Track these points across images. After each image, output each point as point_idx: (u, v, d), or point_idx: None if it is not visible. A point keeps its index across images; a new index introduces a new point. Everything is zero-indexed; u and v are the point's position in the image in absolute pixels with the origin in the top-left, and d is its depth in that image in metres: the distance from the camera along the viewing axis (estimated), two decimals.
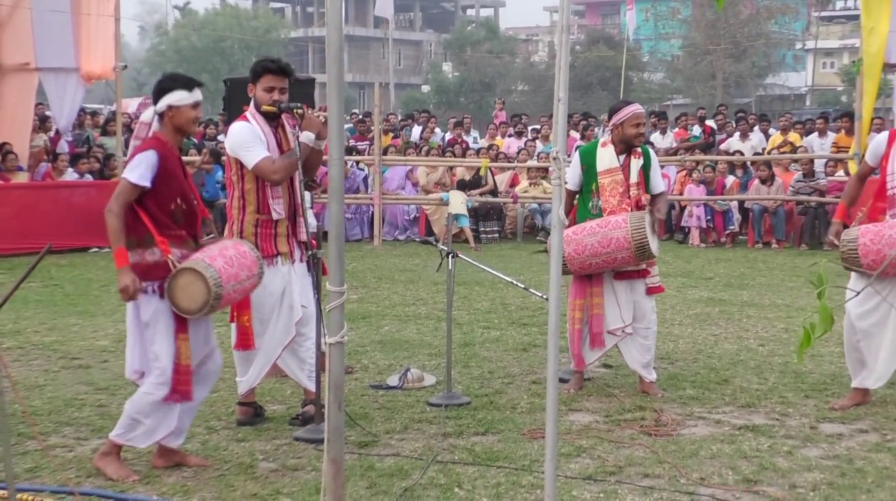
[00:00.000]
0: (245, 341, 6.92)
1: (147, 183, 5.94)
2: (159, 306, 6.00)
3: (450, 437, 6.82)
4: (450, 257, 7.90)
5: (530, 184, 19.21)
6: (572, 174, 8.04)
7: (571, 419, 7.29)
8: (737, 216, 18.72)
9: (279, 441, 6.75)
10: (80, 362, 8.95)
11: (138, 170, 5.95)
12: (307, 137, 6.86)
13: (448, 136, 22.41)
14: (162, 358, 6.00)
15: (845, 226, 7.92)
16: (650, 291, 7.98)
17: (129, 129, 17.23)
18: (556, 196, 3.92)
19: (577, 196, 8.10)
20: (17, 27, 17.07)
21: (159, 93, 6.15)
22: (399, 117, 26.37)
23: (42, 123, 18.78)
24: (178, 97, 6.11)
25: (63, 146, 18.57)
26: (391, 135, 21.49)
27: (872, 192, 7.91)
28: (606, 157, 7.93)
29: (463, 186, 18.48)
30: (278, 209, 6.90)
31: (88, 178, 17.53)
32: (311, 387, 7.01)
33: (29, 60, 17.19)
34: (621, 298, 7.87)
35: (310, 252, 6.97)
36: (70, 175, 17.37)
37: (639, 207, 7.82)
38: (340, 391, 4.42)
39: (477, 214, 18.28)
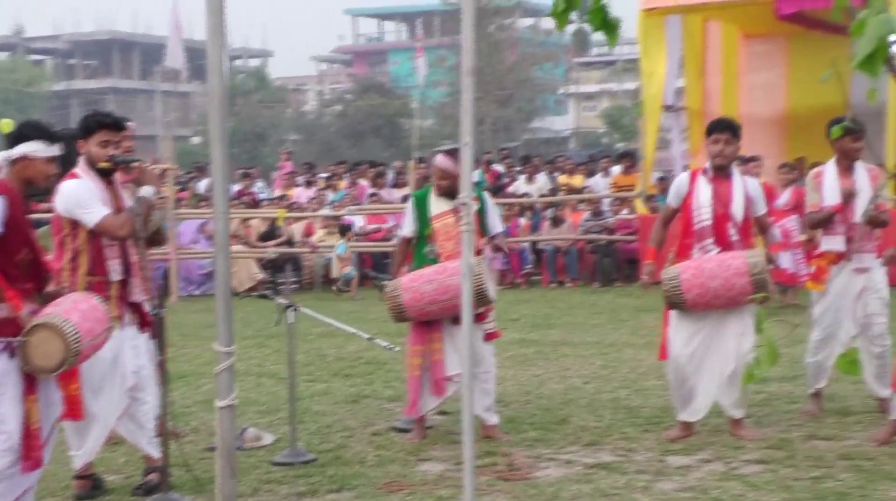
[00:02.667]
0: (74, 411, 6.47)
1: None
2: (7, 365, 5.56)
3: (305, 497, 6.61)
4: (289, 310, 7.71)
5: (326, 233, 19.09)
6: (408, 221, 7.99)
7: (423, 469, 7.15)
8: (531, 257, 19.03)
9: None
10: None
11: None
12: (147, 191, 6.59)
13: (235, 187, 22.09)
14: (9, 422, 5.57)
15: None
16: (488, 336, 7.95)
17: None
18: (465, 241, 3.81)
19: (413, 243, 8.03)
20: None
21: (17, 139, 5.82)
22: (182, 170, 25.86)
23: None
24: (34, 148, 5.78)
25: None
26: (178, 188, 21.05)
27: (676, 233, 8.08)
28: (438, 201, 7.88)
29: (264, 237, 18.24)
30: (117, 269, 6.59)
31: None
32: (154, 453, 6.69)
33: None
34: (458, 342, 7.79)
35: (152, 312, 6.66)
36: None
37: (476, 251, 7.79)
38: (233, 456, 4.21)
39: (274, 265, 18.04)
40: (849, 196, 8.09)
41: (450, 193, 7.78)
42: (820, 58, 18.73)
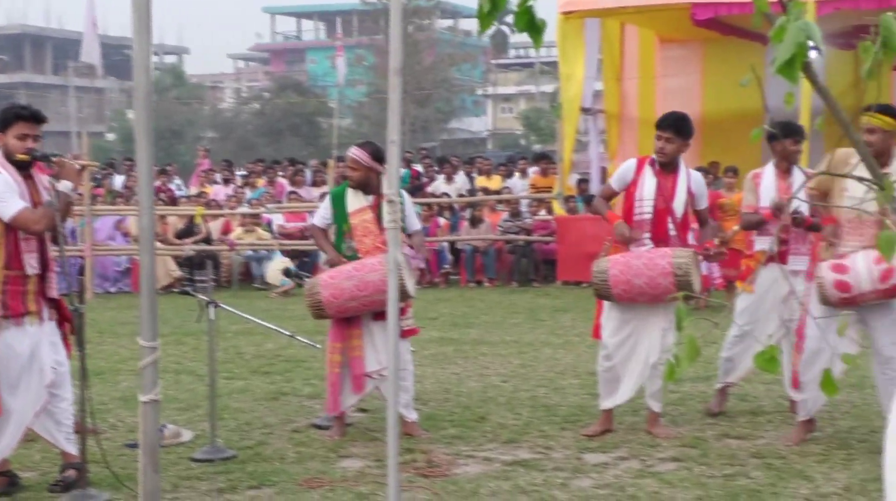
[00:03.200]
0: None
1: None
2: None
3: (225, 493, 6.56)
4: (210, 306, 7.67)
5: (244, 231, 18.97)
6: (322, 212, 8.07)
7: (343, 465, 7.15)
8: (449, 257, 19.08)
9: None
10: None
11: None
12: (66, 186, 6.52)
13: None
14: None
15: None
16: (405, 333, 7.95)
17: None
18: (391, 239, 3.83)
19: (326, 231, 8.05)
20: None
21: None
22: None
23: None
24: None
25: None
26: (93, 184, 20.80)
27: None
28: (355, 198, 7.89)
29: (181, 234, 18.11)
30: (33, 264, 6.50)
31: None
32: (71, 450, 6.61)
33: None
34: (378, 340, 7.79)
35: (71, 308, 6.60)
36: None
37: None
38: (155, 451, 4.19)
39: (192, 262, 17.90)
40: (778, 210, 8.19)
41: (361, 186, 7.82)
42: (735, 63, 19.05)
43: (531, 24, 3.68)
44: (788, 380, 8.34)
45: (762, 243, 8.32)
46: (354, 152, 7.89)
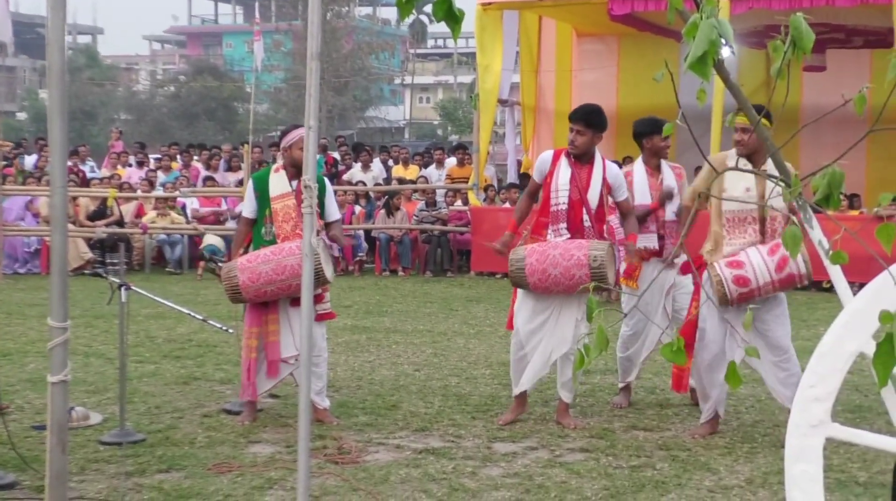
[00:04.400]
0: None
1: None
2: None
3: (133, 476, 6.49)
4: (122, 289, 7.59)
5: (157, 214, 18.79)
6: (248, 202, 7.97)
7: (253, 450, 7.13)
8: (364, 245, 19.06)
9: None
10: None
11: None
12: None
13: None
14: None
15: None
16: (322, 316, 7.94)
17: None
18: (307, 224, 3.83)
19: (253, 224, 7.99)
20: None
21: None
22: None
23: None
24: None
25: None
26: (3, 164, 20.45)
27: (535, 211, 8.15)
28: (279, 183, 7.86)
29: (93, 216, 17.90)
30: None
31: None
32: None
33: None
34: (295, 325, 7.77)
35: None
36: None
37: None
38: (64, 433, 4.15)
39: (103, 245, 17.69)
40: (667, 197, 8.36)
41: (298, 168, 7.78)
42: (649, 59, 19.26)
43: (450, 14, 3.68)
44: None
45: (644, 241, 8.40)
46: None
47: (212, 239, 13.25)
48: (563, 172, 7.83)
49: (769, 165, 6.85)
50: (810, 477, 3.55)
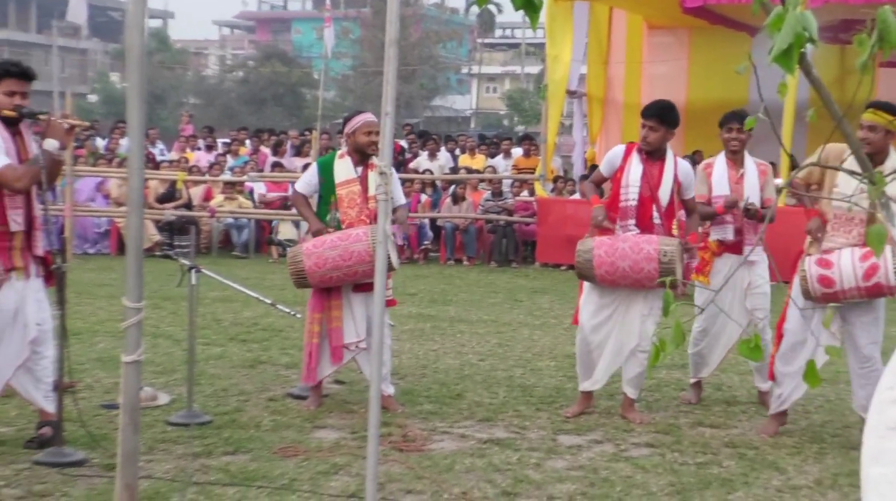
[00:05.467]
0: None
1: None
2: None
3: (200, 457, 6.57)
4: (192, 271, 7.65)
5: (225, 198, 18.93)
6: (307, 179, 8.04)
7: (319, 435, 7.18)
8: (430, 234, 19.09)
9: (18, 466, 6.29)
10: None
11: None
12: (51, 144, 6.48)
13: None
14: None
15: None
16: (388, 303, 7.94)
17: None
18: (381, 210, 3.83)
19: (311, 202, 8.02)
20: None
21: None
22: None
23: None
24: None
25: None
26: (75, 145, 20.70)
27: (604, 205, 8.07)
28: (344, 168, 7.86)
29: (162, 199, 18.07)
30: (18, 220, 6.47)
31: None
32: (49, 408, 6.60)
33: None
34: (357, 312, 7.80)
35: (53, 266, 6.58)
36: None
37: (374, 220, 7.78)
38: (136, 412, 4.19)
39: (172, 227, 17.85)
40: (731, 205, 8.21)
41: (364, 158, 7.79)
42: (720, 52, 19.10)
43: (528, 3, 3.67)
44: (754, 371, 8.49)
45: (716, 233, 8.34)
46: (370, 117, 7.82)
47: (287, 231, 13.30)
48: (635, 168, 7.76)
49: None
50: (888, 480, 3.50)
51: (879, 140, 6.89)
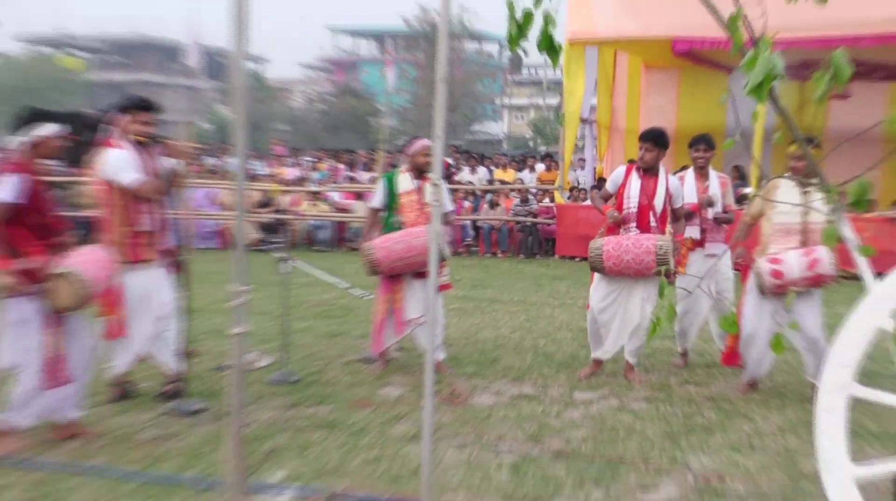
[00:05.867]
0: (119, 331, 6.56)
1: (16, 200, 5.49)
2: (34, 306, 5.55)
3: (292, 408, 6.64)
4: (285, 262, 7.72)
5: (309, 204, 19.04)
6: (378, 195, 7.98)
7: (385, 392, 7.21)
8: (471, 232, 19.08)
9: (153, 414, 6.42)
10: None
11: (7, 190, 5.49)
12: (174, 163, 6.58)
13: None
14: (35, 352, 5.56)
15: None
16: (441, 287, 7.95)
17: None
18: (434, 213, 3.85)
19: (381, 213, 8.02)
20: None
21: (29, 123, 5.69)
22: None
23: None
24: (47, 130, 5.71)
25: None
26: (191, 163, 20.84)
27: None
28: (405, 181, 7.89)
29: (259, 205, 18.21)
30: (146, 223, 6.58)
31: None
32: (175, 369, 6.70)
33: None
34: (417, 294, 7.83)
35: (180, 259, 6.68)
36: None
37: (429, 221, 7.79)
38: (242, 373, 4.24)
39: (267, 227, 17.96)
40: (707, 203, 8.28)
41: (420, 173, 7.81)
42: (704, 87, 18.96)
43: (551, 46, 3.69)
44: (716, 335, 8.53)
45: (690, 232, 8.34)
46: (427, 142, 7.77)
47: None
48: (634, 183, 7.75)
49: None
50: (836, 427, 3.49)
51: (803, 166, 7.00)
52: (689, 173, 8.44)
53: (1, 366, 5.69)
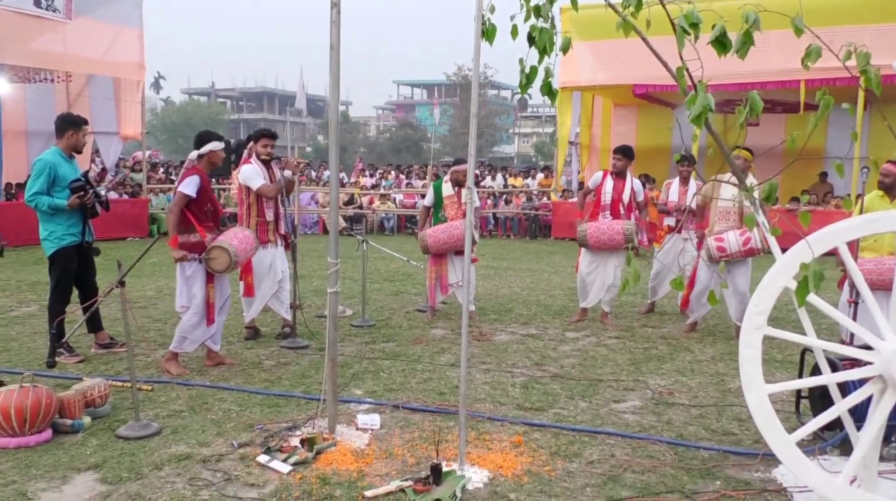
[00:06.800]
0: (249, 291, 6.56)
1: (193, 194, 5.54)
2: (198, 268, 5.58)
3: (369, 344, 6.63)
4: (364, 243, 7.70)
5: (381, 202, 18.98)
6: (429, 197, 7.90)
7: (433, 332, 7.15)
8: (492, 221, 18.95)
9: (272, 349, 6.41)
10: (139, 305, 8.32)
11: (189, 187, 5.54)
12: (287, 174, 6.57)
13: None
14: (198, 298, 5.59)
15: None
16: (472, 261, 7.86)
17: (151, 168, 16.10)
18: (469, 211, 3.78)
19: (431, 210, 7.95)
20: (81, 107, 15.75)
21: (202, 142, 5.70)
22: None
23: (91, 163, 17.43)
24: (214, 146, 5.73)
25: (108, 178, 17.29)
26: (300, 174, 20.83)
27: (589, 206, 7.98)
28: (448, 189, 7.82)
29: (346, 203, 18.17)
30: (270, 215, 6.57)
31: (125, 197, 16.39)
32: (288, 317, 6.70)
33: (88, 127, 15.88)
34: (456, 265, 7.77)
35: (291, 240, 6.68)
36: (112, 195, 16.17)
37: (465, 216, 7.72)
38: (335, 319, 4.20)
39: (351, 219, 17.94)
40: (678, 210, 8.09)
41: (458, 182, 7.75)
42: (655, 119, 18.71)
43: (550, 91, 3.62)
44: (680, 299, 8.33)
45: (668, 221, 8.21)
46: (463, 166, 7.71)
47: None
48: (608, 183, 7.64)
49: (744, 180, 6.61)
50: (754, 357, 3.41)
51: (743, 166, 6.77)
52: (675, 181, 8.28)
53: (177, 307, 5.72)
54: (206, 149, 5.70)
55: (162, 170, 20.46)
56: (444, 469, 3.72)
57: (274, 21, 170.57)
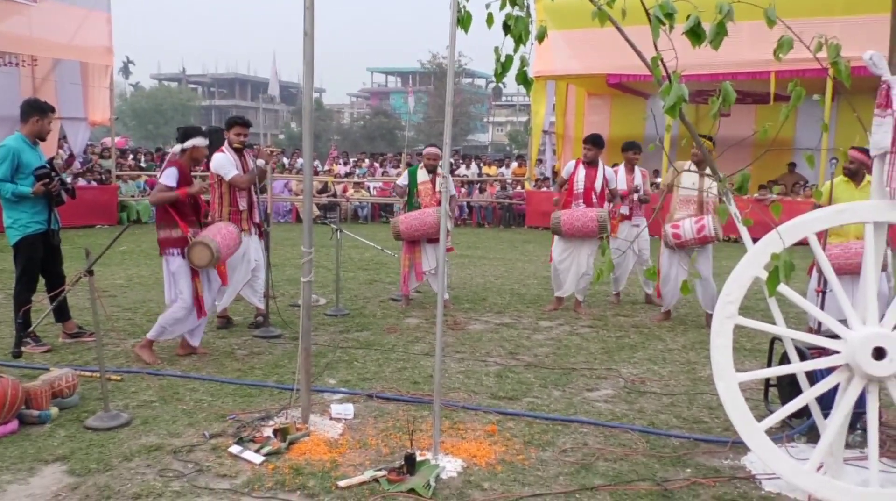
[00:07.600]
0: (223, 280, 6.48)
1: (173, 184, 5.47)
2: (182, 263, 5.53)
3: (343, 333, 6.60)
4: (338, 231, 7.65)
5: (354, 191, 18.88)
6: (402, 179, 7.87)
7: (408, 321, 7.14)
8: (467, 210, 18.94)
9: (245, 338, 6.36)
10: (108, 293, 8.20)
11: (169, 177, 5.48)
12: (261, 163, 6.49)
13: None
14: (185, 293, 5.53)
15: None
16: (447, 249, 7.85)
17: (121, 155, 15.78)
18: (444, 197, 3.77)
19: (405, 192, 7.90)
20: (47, 92, 15.41)
21: (185, 136, 5.64)
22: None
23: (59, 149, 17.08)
24: (196, 142, 5.65)
25: (76, 165, 16.97)
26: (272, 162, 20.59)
27: (565, 193, 7.98)
28: (422, 175, 7.78)
29: (319, 191, 18.03)
30: (243, 204, 6.50)
31: (94, 184, 16.11)
32: (261, 306, 6.65)
33: (55, 114, 15.54)
34: (429, 253, 7.76)
35: (265, 228, 6.61)
36: (81, 182, 15.89)
37: (438, 203, 7.71)
38: (308, 309, 4.18)
39: (325, 207, 17.83)
40: (635, 191, 8.20)
41: (432, 169, 7.72)
42: (628, 109, 18.80)
43: (525, 80, 3.61)
44: (643, 284, 8.44)
45: (622, 209, 8.30)
46: (433, 150, 7.70)
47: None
48: (581, 172, 7.67)
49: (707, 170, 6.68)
50: (725, 346, 3.44)
51: (699, 156, 6.89)
52: (621, 168, 8.35)
53: (167, 300, 5.66)
54: (189, 144, 5.63)
55: (132, 157, 20.13)
56: (418, 458, 3.72)
57: (247, 5, 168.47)
